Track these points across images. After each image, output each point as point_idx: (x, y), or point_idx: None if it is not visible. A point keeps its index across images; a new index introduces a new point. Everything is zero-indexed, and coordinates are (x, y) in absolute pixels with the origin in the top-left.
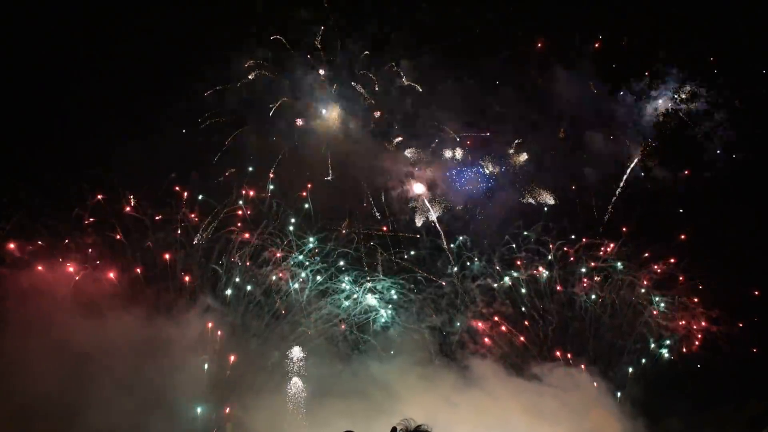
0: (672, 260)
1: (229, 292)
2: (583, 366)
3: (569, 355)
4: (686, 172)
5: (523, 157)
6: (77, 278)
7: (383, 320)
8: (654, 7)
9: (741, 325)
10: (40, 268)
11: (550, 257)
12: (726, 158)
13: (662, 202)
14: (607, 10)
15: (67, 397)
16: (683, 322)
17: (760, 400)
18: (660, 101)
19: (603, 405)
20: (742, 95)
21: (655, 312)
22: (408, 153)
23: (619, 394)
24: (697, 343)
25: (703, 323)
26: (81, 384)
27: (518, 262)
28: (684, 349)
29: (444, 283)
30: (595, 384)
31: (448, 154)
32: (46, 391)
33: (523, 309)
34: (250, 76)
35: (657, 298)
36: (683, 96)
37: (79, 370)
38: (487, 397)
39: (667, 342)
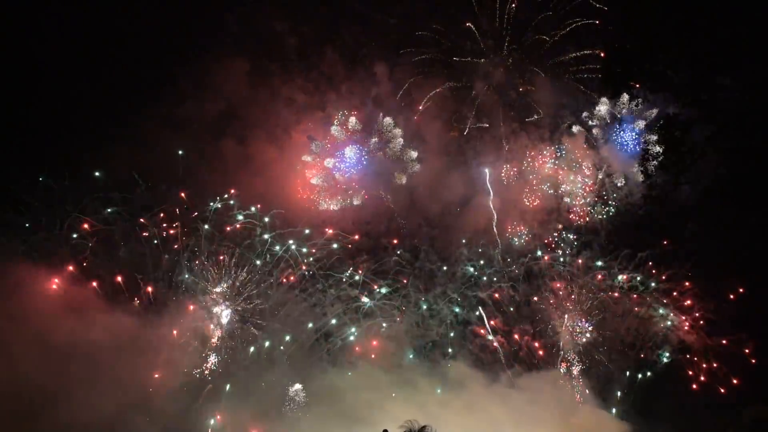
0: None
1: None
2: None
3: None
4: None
5: None
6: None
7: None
8: (655, 10)
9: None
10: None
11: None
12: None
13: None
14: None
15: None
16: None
17: (760, 404)
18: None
19: (590, 407)
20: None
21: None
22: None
23: (618, 394)
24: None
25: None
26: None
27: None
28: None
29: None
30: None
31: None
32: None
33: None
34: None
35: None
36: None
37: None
38: (462, 400)
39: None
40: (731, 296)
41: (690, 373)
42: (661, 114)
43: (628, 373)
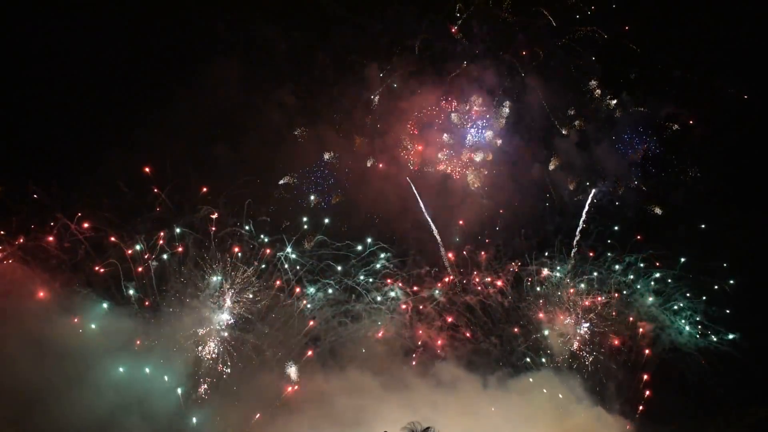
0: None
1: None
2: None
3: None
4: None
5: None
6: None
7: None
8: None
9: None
10: None
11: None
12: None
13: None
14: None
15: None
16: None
17: (763, 405)
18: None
19: (586, 407)
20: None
21: None
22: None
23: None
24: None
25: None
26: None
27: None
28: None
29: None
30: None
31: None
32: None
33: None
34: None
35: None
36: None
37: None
38: (456, 402)
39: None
40: (728, 296)
41: (686, 373)
42: (660, 114)
43: (623, 373)
